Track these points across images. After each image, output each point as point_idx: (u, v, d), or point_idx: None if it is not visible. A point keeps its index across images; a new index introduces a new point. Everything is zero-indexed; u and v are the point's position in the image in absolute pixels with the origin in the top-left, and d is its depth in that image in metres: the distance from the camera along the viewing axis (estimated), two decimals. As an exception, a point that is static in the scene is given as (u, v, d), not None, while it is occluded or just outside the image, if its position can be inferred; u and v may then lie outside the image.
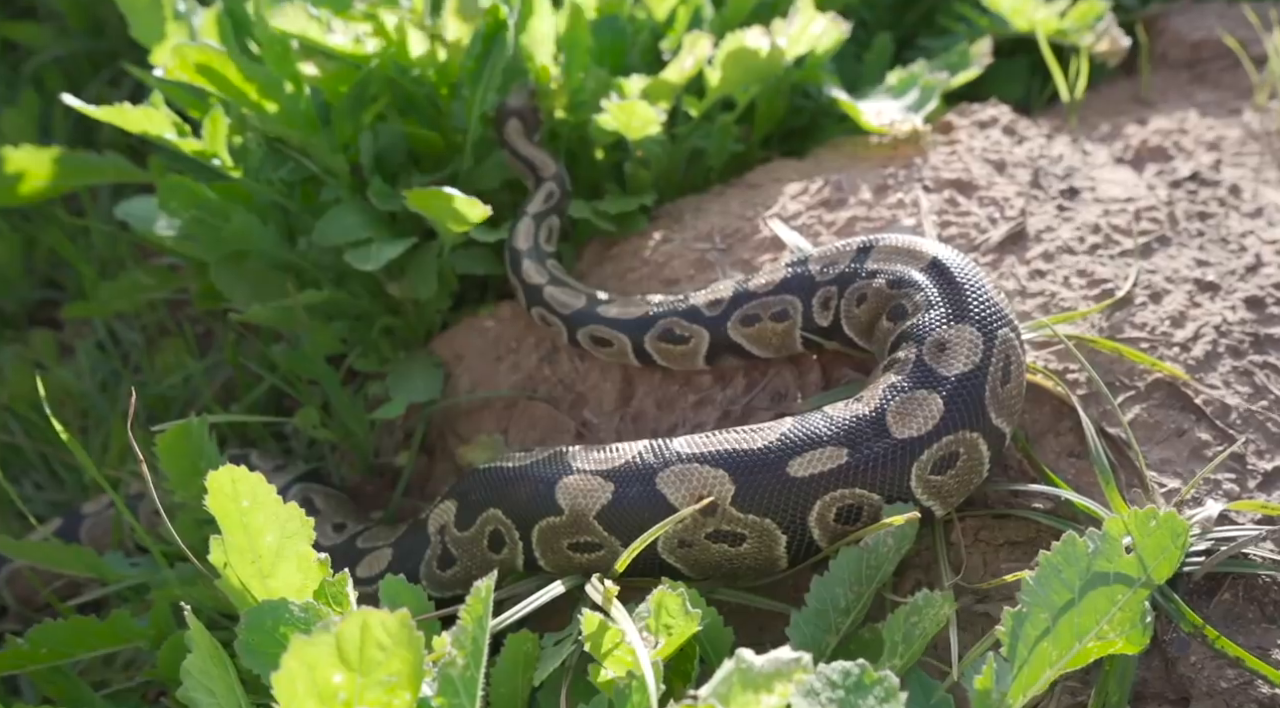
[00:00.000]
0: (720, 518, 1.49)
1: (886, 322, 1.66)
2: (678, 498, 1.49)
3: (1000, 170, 2.06)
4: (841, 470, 1.46)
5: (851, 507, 1.47)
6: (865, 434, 1.48)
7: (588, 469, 1.58)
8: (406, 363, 2.19)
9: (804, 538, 1.49)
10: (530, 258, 2.07)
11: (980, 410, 1.48)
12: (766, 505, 1.48)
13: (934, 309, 1.59)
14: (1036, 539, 1.56)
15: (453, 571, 1.73)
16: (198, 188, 2.11)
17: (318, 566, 1.40)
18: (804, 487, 1.47)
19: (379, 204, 2.14)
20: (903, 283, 1.65)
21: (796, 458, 1.48)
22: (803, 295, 1.77)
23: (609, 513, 1.53)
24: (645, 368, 1.93)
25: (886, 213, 1.99)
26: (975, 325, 1.55)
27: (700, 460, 1.51)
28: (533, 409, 2.02)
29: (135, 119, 2.00)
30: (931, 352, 1.54)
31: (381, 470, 2.24)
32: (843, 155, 2.25)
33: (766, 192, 2.16)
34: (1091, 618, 1.23)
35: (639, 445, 1.58)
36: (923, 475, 1.46)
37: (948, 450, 1.47)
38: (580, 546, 1.57)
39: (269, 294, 2.20)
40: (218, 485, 1.37)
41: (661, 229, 2.17)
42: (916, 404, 1.48)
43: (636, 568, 1.53)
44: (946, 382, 1.49)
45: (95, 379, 2.64)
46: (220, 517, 1.38)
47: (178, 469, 1.70)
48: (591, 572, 1.58)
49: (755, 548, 1.50)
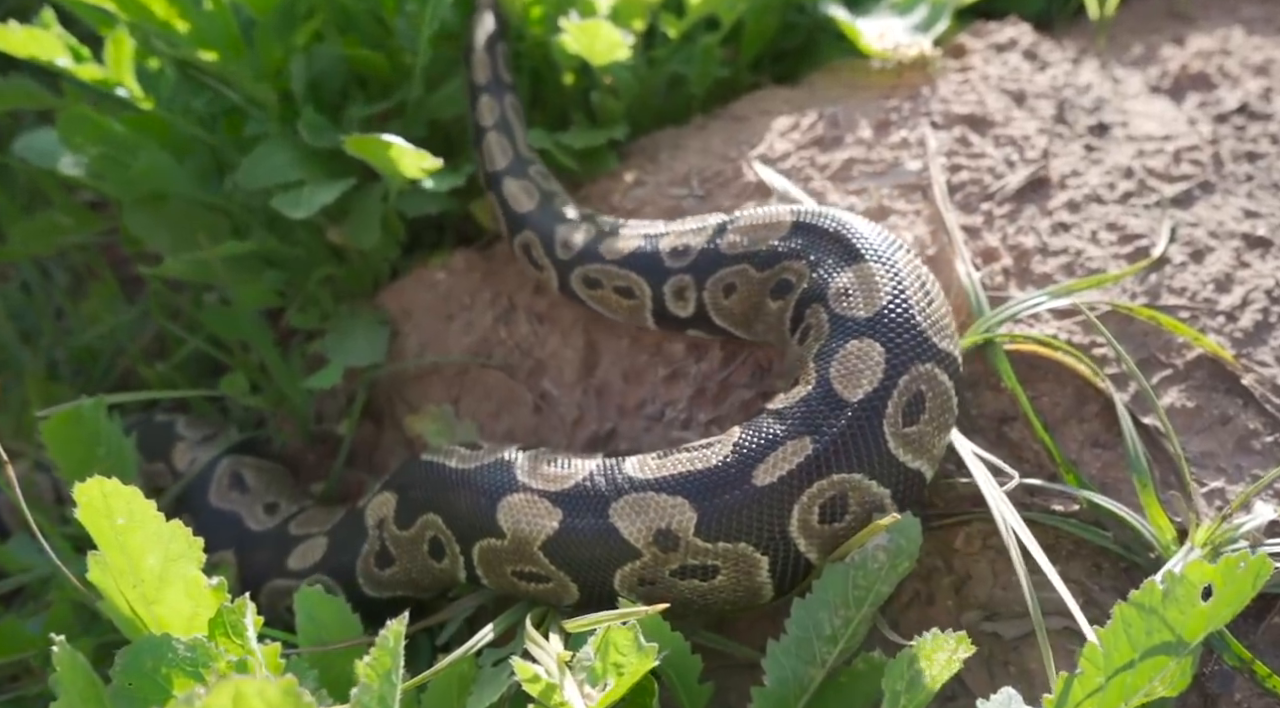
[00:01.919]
0: (685, 552, 1.27)
1: (772, 302, 1.48)
2: (633, 532, 1.28)
3: (1019, 102, 1.80)
4: (811, 461, 1.26)
5: (834, 499, 1.26)
6: (821, 412, 1.28)
7: (535, 488, 1.37)
8: (348, 320, 1.95)
9: (789, 554, 1.27)
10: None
11: (920, 338, 1.31)
12: (737, 527, 1.26)
13: (819, 266, 1.42)
14: (1055, 546, 1.35)
15: (391, 571, 1.53)
16: (103, 121, 1.85)
17: (210, 592, 1.18)
18: (775, 494, 1.26)
19: (311, 139, 1.87)
20: (772, 259, 1.47)
21: (759, 465, 1.27)
22: (651, 280, 1.59)
23: (555, 545, 1.32)
24: (612, 336, 1.70)
25: (888, 154, 1.73)
26: (871, 260, 1.38)
27: (656, 487, 1.30)
28: (487, 377, 1.79)
29: (20, 41, 1.73)
30: (839, 301, 1.36)
31: (324, 437, 2.03)
32: (840, 83, 1.98)
33: (753, 127, 1.90)
34: (1145, 678, 1.03)
35: (591, 464, 1.37)
36: (897, 431, 1.27)
37: (910, 393, 1.28)
38: (525, 575, 1.37)
39: (191, 239, 1.95)
40: (88, 500, 1.15)
41: (634, 169, 1.92)
42: (855, 359, 1.31)
43: (594, 604, 1.32)
44: (873, 321, 1.32)
45: (15, 328, 2.40)
46: (95, 535, 1.17)
47: (70, 457, 1.48)
48: (540, 601, 1.38)
49: (732, 579, 1.29)
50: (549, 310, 1.79)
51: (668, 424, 1.59)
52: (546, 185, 1.84)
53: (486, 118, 1.89)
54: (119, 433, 1.56)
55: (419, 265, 2.02)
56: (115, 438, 1.53)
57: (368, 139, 1.68)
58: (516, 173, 1.84)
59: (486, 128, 1.89)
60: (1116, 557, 1.32)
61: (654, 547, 1.28)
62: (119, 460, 1.55)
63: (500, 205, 1.83)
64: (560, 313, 1.77)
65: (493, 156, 1.86)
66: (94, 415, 1.51)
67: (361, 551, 1.55)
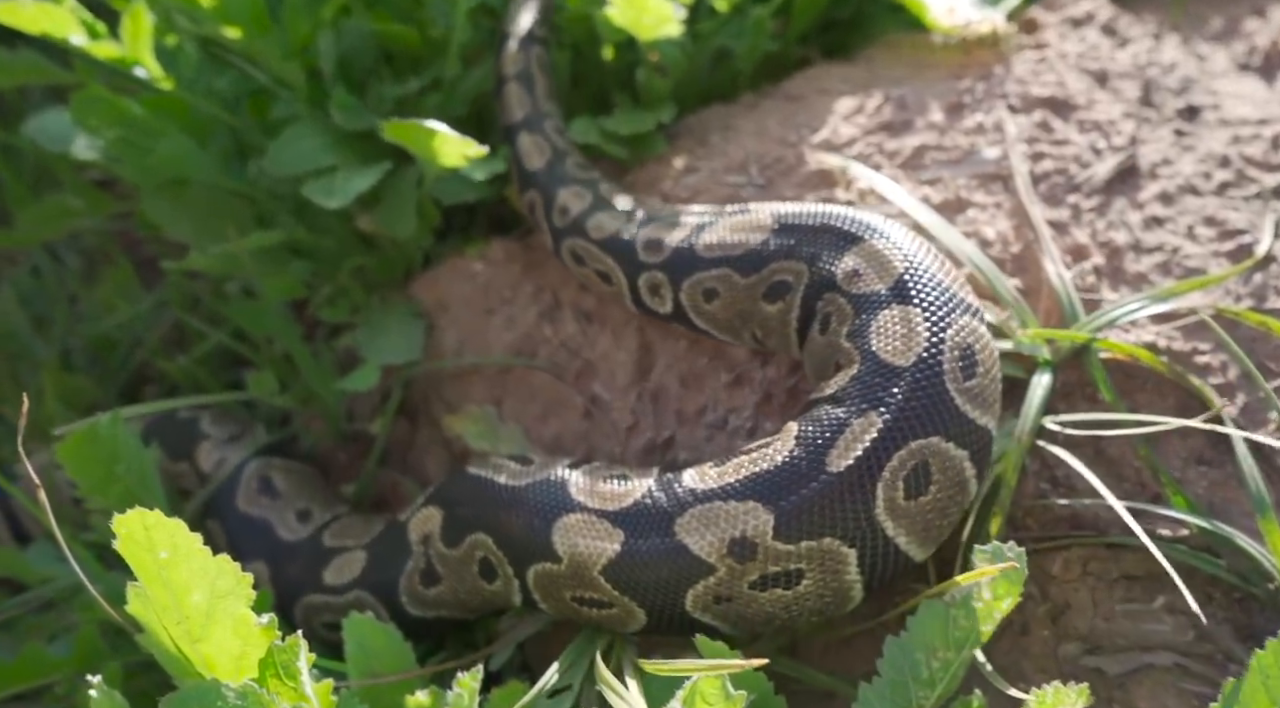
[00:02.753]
0: (765, 559, 1.18)
1: (768, 305, 1.42)
2: (704, 546, 1.19)
3: (1102, 83, 1.68)
4: (885, 434, 1.18)
5: (916, 468, 1.18)
6: (878, 385, 1.21)
7: (592, 507, 1.28)
8: (381, 313, 1.85)
9: (878, 542, 1.18)
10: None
11: (950, 294, 1.27)
12: (819, 522, 1.17)
13: (817, 259, 1.36)
14: (1160, 573, 1.25)
15: (437, 590, 1.43)
16: (120, 102, 1.73)
17: (260, 631, 1.09)
18: (855, 476, 1.17)
19: (344, 122, 1.76)
20: (757, 262, 1.41)
21: (830, 451, 1.19)
22: (626, 268, 1.55)
23: (618, 569, 1.23)
24: (668, 336, 1.59)
25: (963, 140, 1.61)
26: (869, 238, 1.34)
27: (722, 496, 1.21)
28: (532, 377, 1.69)
29: (31, 16, 1.61)
30: (852, 283, 1.31)
31: (355, 436, 1.93)
32: (901, 61, 1.86)
33: (811, 107, 1.78)
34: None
35: (647, 480, 1.28)
36: (959, 387, 1.20)
37: (960, 346, 1.23)
38: (586, 600, 1.27)
39: (215, 227, 1.84)
40: (128, 532, 1.06)
41: (683, 153, 1.80)
42: (894, 326, 1.25)
43: (663, 628, 1.24)
44: (896, 289, 1.28)
45: (27, 314, 2.29)
46: (136, 567, 1.08)
47: (89, 476, 1.39)
48: (604, 628, 1.29)
49: (818, 583, 1.19)
50: (597, 308, 1.68)
51: (731, 433, 1.49)
52: (560, 142, 1.76)
53: (509, 67, 1.80)
54: (138, 446, 1.46)
55: (453, 254, 1.91)
56: (135, 453, 1.44)
57: (408, 125, 1.57)
58: (532, 127, 1.76)
59: (508, 77, 1.80)
60: (1230, 586, 1.23)
61: (729, 559, 1.18)
62: (140, 477, 1.46)
63: (514, 161, 1.76)
64: (610, 311, 1.67)
65: (510, 109, 1.78)
66: (111, 432, 1.41)
67: (405, 567, 1.46)
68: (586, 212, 1.62)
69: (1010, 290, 1.40)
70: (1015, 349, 1.37)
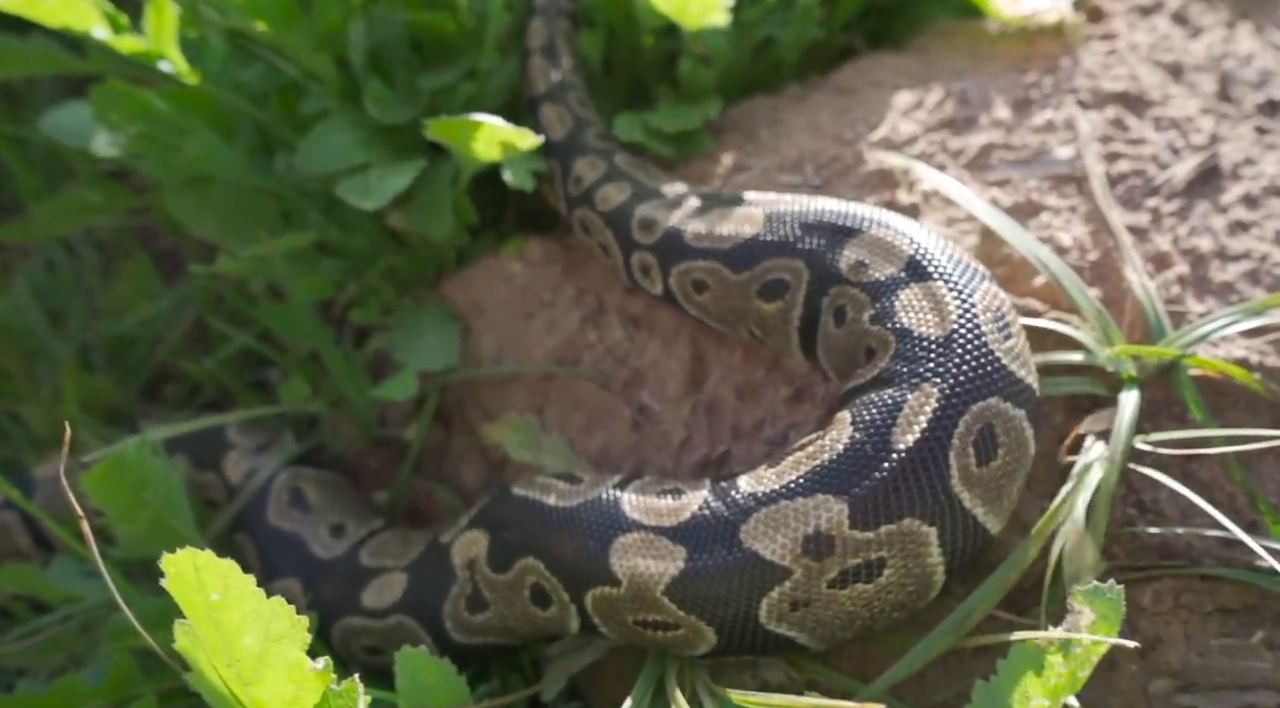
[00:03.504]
0: (843, 552, 1.12)
1: (765, 304, 1.38)
2: (776, 549, 1.13)
3: (1176, 77, 1.60)
4: (946, 401, 1.14)
5: (983, 432, 1.14)
6: (924, 357, 1.18)
7: (648, 525, 1.21)
8: (415, 316, 1.77)
9: (956, 516, 1.13)
10: None
11: (964, 264, 1.25)
12: (897, 502, 1.11)
13: (816, 256, 1.33)
14: (1259, 606, 1.19)
15: (484, 616, 1.37)
16: (143, 97, 1.65)
17: (315, 676, 1.03)
18: (927, 449, 1.12)
19: (380, 115, 1.68)
20: (748, 258, 1.38)
21: (893, 430, 1.14)
22: (621, 243, 1.54)
23: (682, 587, 1.17)
24: (722, 346, 1.52)
25: (1031, 139, 1.53)
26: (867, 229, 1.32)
27: (787, 494, 1.15)
28: (575, 385, 1.62)
29: (51, 9, 1.53)
30: (859, 273, 1.29)
31: (387, 441, 1.86)
32: (960, 51, 1.78)
33: (865, 102, 1.70)
34: None
35: (702, 491, 1.22)
36: (1001, 347, 1.18)
37: (991, 309, 1.21)
38: (650, 623, 1.21)
39: (241, 225, 1.77)
40: (177, 571, 1.00)
41: (731, 150, 1.72)
42: (919, 302, 1.22)
43: (734, 647, 1.17)
44: (910, 269, 1.25)
45: (42, 310, 2.22)
46: (184, 606, 1.03)
47: (116, 504, 1.32)
48: (670, 651, 1.22)
49: (900, 570, 1.13)
50: (645, 313, 1.61)
51: (793, 450, 1.41)
52: (583, 113, 1.74)
53: (534, 39, 1.78)
54: (166, 470, 1.40)
55: (487, 253, 1.83)
56: (162, 477, 1.38)
57: (453, 122, 1.49)
58: (555, 98, 1.73)
59: (532, 50, 1.78)
60: (1334, 622, 1.17)
61: (805, 559, 1.12)
62: (169, 502, 1.39)
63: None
64: (659, 316, 1.59)
65: (533, 81, 1.76)
66: (137, 459, 1.34)
67: (449, 593, 1.39)
68: (597, 182, 1.60)
69: (1093, 302, 1.33)
70: (1099, 364, 1.30)
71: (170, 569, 1.01)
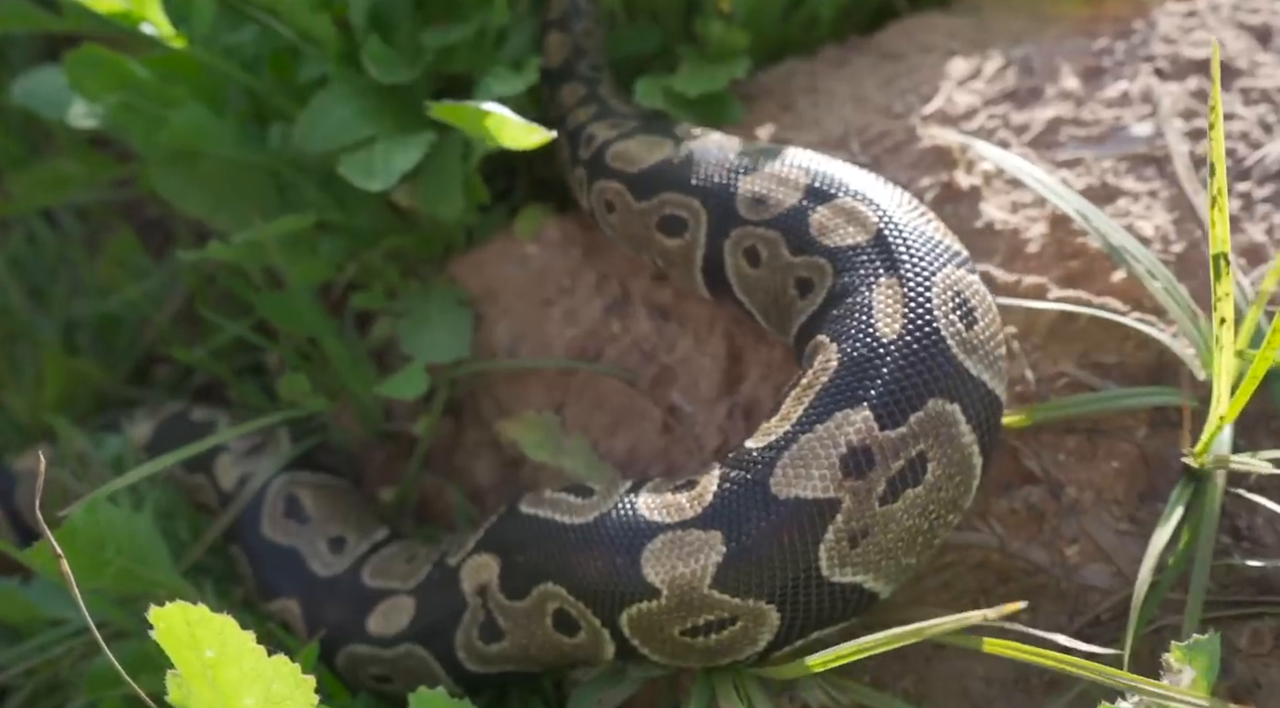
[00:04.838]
0: (885, 458, 1.05)
1: (665, 238, 1.36)
2: (817, 485, 1.05)
3: (1264, 42, 1.44)
4: (911, 280, 1.13)
5: (955, 299, 1.13)
6: (868, 254, 1.17)
7: (674, 522, 1.11)
8: (422, 301, 1.64)
9: (969, 384, 1.09)
10: None
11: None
12: (916, 389, 1.07)
13: (713, 196, 1.30)
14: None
15: (501, 646, 1.25)
16: (123, 63, 1.51)
17: (320, 742, 0.91)
18: (918, 329, 1.10)
19: (380, 74, 1.52)
20: (649, 187, 1.37)
21: (876, 324, 1.11)
22: (569, 156, 1.54)
23: (731, 572, 1.07)
24: (760, 343, 1.39)
25: (1104, 113, 1.39)
26: (763, 165, 1.30)
27: (802, 428, 1.09)
28: (599, 381, 1.49)
29: (19, -32, 1.37)
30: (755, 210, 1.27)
31: (393, 435, 1.73)
32: (1018, 12, 1.62)
33: (915, 69, 1.55)
34: None
35: (714, 471, 1.14)
36: (938, 225, 1.20)
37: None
38: (701, 628, 1.10)
39: (233, 202, 1.63)
40: (167, 627, 0.88)
41: (766, 121, 1.58)
42: (833, 215, 1.22)
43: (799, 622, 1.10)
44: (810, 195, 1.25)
45: (23, 287, 2.08)
46: (178, 662, 0.93)
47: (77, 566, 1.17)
48: (727, 656, 1.11)
49: (943, 459, 1.07)
50: (675, 304, 1.47)
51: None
52: (586, 42, 1.68)
53: (553, 11, 1.69)
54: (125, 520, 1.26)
55: (499, 231, 1.69)
56: (123, 530, 1.25)
57: (459, 107, 1.35)
58: (561, 26, 1.68)
59: (551, 22, 1.69)
60: None
61: (849, 481, 1.05)
62: (135, 554, 1.27)
63: (549, 106, 1.64)
64: (690, 308, 1.46)
65: (549, 54, 1.67)
66: (89, 522, 1.22)
67: (460, 620, 1.28)
68: (574, 105, 1.58)
69: (1186, 302, 1.19)
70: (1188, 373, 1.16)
71: (160, 624, 0.89)
